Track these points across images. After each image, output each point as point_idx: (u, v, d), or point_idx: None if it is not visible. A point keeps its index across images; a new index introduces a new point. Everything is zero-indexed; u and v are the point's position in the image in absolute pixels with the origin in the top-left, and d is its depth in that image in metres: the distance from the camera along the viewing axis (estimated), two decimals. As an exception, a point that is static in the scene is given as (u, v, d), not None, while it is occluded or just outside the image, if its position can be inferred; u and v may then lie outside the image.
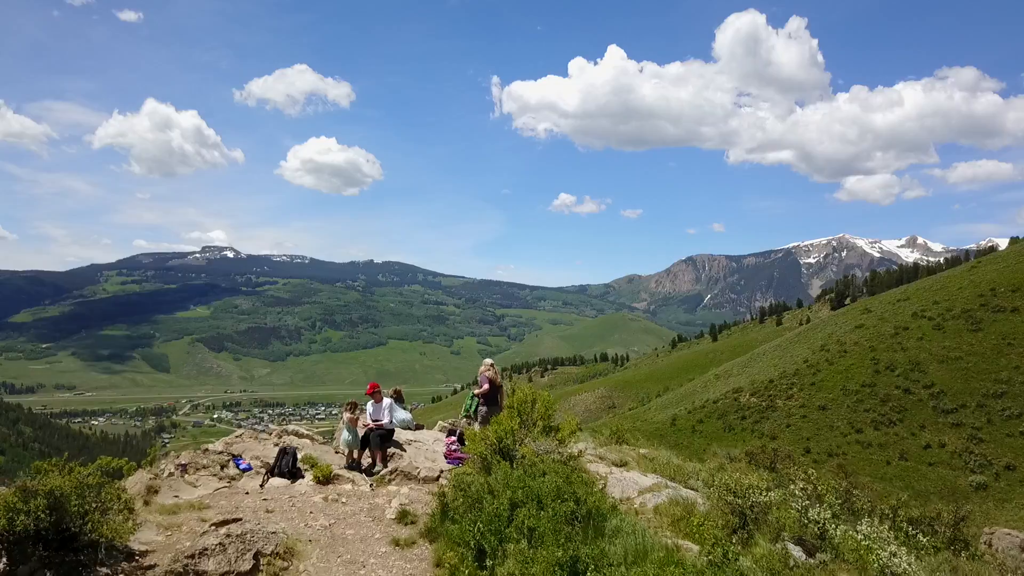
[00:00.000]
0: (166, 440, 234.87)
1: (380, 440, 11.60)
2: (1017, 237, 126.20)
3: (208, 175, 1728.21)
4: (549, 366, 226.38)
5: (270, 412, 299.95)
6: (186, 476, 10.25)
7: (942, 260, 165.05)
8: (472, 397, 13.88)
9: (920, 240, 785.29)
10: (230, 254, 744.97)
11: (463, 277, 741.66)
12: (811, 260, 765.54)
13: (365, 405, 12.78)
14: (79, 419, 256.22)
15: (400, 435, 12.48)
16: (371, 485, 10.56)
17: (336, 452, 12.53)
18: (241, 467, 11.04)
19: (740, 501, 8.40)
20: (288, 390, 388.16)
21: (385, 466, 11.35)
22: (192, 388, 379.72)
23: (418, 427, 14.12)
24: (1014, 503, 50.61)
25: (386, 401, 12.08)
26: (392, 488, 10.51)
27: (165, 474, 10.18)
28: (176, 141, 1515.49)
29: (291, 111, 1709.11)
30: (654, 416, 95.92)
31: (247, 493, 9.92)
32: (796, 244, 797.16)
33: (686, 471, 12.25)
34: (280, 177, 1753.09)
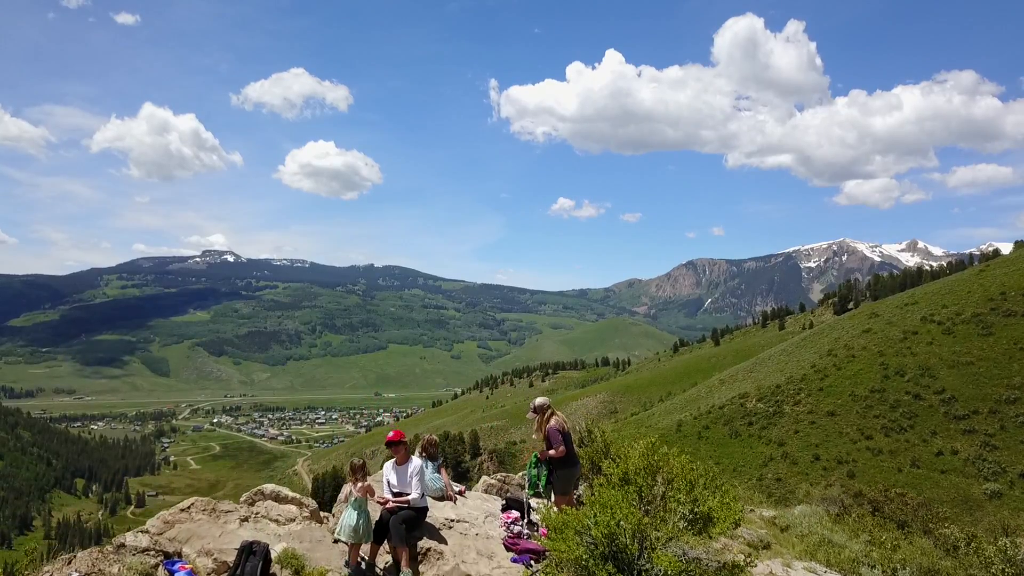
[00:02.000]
0: (166, 444, 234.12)
1: (406, 527, 7.23)
2: (1022, 241, 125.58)
3: (207, 179, 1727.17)
4: (550, 370, 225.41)
5: (270, 416, 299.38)
6: None
7: (944, 264, 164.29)
8: (536, 465, 9.02)
9: (920, 244, 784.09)
10: (230, 258, 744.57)
11: (463, 281, 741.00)
12: (811, 264, 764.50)
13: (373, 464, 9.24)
14: (78, 423, 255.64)
15: (434, 510, 8.14)
16: None
17: (336, 541, 7.61)
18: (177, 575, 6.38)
19: None
20: (288, 394, 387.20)
21: (415, 573, 7.19)
22: (192, 392, 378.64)
23: (459, 493, 9.48)
24: (1030, 512, 49.61)
25: (415, 461, 7.72)
26: None
27: None
28: (174, 144, 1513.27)
29: (289, 114, 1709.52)
30: (658, 422, 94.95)
31: None
32: (796, 248, 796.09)
33: (850, 552, 8.94)
34: (279, 181, 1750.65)
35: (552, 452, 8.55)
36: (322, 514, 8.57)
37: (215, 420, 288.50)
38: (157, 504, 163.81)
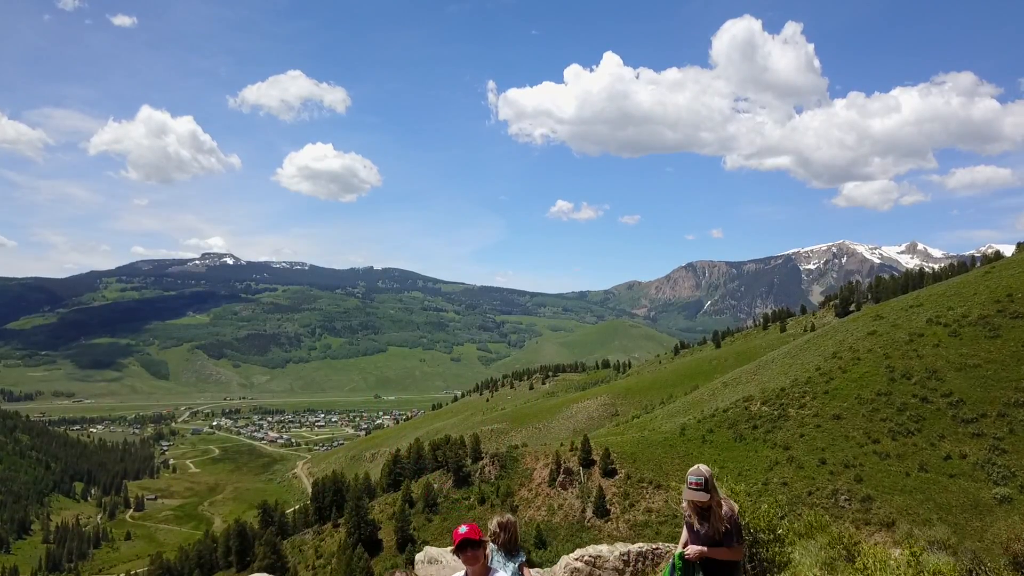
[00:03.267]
0: (165, 447, 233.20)
1: None
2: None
3: (205, 181, 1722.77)
4: (551, 373, 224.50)
5: (269, 419, 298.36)
6: None
7: (944, 266, 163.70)
8: (684, 570, 5.43)
9: (920, 246, 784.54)
10: (229, 261, 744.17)
11: (463, 284, 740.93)
12: (811, 266, 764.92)
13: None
14: (77, 426, 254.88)
15: None
16: None
17: None
18: None
19: None
20: (288, 397, 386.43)
21: None
22: (191, 395, 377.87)
23: None
24: (1041, 516, 48.88)
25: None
26: None
27: None
28: (172, 147, 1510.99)
29: (286, 117, 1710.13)
30: (661, 425, 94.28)
31: None
32: (796, 250, 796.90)
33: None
34: (277, 184, 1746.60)
35: (730, 553, 5.40)
36: None
37: (214, 423, 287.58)
38: (156, 507, 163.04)
